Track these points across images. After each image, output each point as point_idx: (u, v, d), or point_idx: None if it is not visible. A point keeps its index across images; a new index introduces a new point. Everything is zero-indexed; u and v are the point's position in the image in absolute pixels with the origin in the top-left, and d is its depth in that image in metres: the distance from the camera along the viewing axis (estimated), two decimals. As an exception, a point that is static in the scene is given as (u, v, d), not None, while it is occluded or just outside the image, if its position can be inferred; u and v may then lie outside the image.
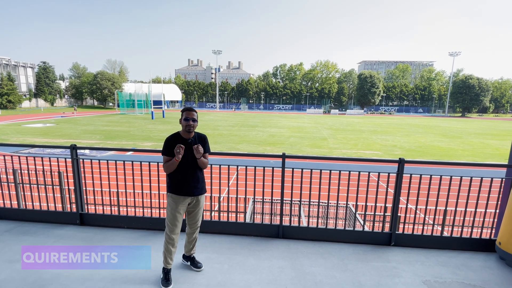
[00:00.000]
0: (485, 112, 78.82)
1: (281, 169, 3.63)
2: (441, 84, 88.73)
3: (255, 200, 7.21)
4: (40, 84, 66.00)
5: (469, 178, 3.46)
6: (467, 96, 69.37)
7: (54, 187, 4.18)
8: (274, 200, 3.82)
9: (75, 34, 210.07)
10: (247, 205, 6.18)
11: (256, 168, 3.79)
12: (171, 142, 2.78)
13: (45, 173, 4.16)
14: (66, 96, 75.98)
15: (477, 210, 3.50)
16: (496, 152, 19.90)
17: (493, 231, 3.71)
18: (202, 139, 2.91)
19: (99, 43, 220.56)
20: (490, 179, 3.51)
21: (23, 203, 4.26)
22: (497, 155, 18.82)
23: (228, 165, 3.83)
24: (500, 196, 3.56)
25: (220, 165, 3.82)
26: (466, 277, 3.02)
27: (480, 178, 3.45)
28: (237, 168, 3.78)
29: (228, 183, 3.90)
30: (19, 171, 4.63)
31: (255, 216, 7.58)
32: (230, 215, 3.96)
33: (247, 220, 5.67)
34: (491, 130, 36.30)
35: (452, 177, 3.48)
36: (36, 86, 66.86)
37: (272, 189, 3.78)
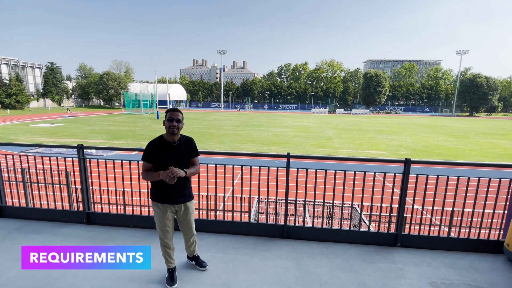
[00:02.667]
0: (493, 112, 77.53)
1: (285, 169, 3.62)
2: (449, 83, 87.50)
3: (260, 200, 7.21)
4: (48, 84, 67.00)
5: (477, 178, 3.41)
6: (475, 95, 68.22)
7: (62, 186, 4.24)
8: (278, 200, 3.82)
9: (82, 35, 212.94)
10: (251, 205, 6.18)
11: (261, 168, 3.78)
12: (154, 147, 2.57)
13: (53, 172, 4.22)
14: (73, 96, 76.97)
15: (485, 211, 3.45)
16: (504, 152, 19.59)
17: (501, 232, 3.65)
18: (188, 142, 2.71)
19: (105, 43, 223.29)
20: (498, 179, 3.45)
21: (31, 201, 4.33)
22: (505, 155, 18.53)
23: (233, 165, 3.84)
24: (509, 197, 3.50)
25: (224, 165, 3.84)
26: (473, 279, 2.98)
27: (488, 179, 3.39)
28: (242, 168, 3.78)
29: (233, 182, 3.90)
30: (27, 170, 4.71)
31: (259, 216, 7.58)
32: (234, 214, 3.97)
33: (252, 220, 5.67)
34: (500, 129, 35.70)
35: (459, 177, 3.43)
36: (43, 86, 67.88)
37: (276, 189, 3.78)
